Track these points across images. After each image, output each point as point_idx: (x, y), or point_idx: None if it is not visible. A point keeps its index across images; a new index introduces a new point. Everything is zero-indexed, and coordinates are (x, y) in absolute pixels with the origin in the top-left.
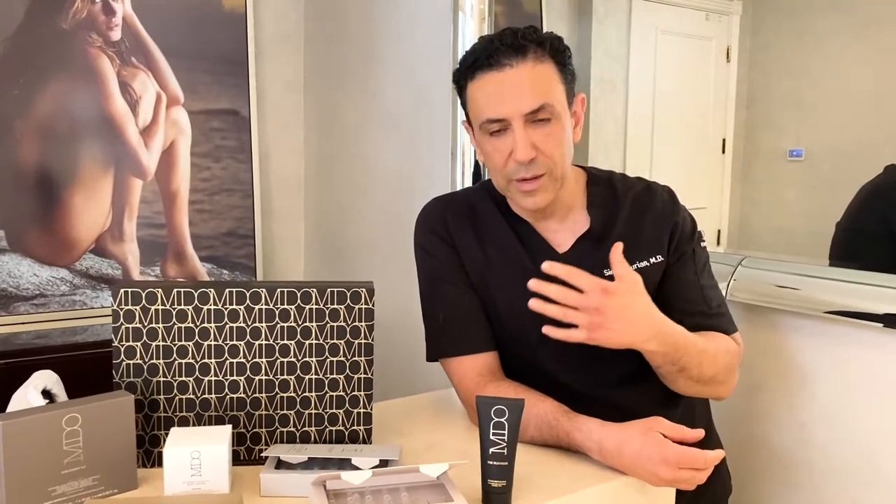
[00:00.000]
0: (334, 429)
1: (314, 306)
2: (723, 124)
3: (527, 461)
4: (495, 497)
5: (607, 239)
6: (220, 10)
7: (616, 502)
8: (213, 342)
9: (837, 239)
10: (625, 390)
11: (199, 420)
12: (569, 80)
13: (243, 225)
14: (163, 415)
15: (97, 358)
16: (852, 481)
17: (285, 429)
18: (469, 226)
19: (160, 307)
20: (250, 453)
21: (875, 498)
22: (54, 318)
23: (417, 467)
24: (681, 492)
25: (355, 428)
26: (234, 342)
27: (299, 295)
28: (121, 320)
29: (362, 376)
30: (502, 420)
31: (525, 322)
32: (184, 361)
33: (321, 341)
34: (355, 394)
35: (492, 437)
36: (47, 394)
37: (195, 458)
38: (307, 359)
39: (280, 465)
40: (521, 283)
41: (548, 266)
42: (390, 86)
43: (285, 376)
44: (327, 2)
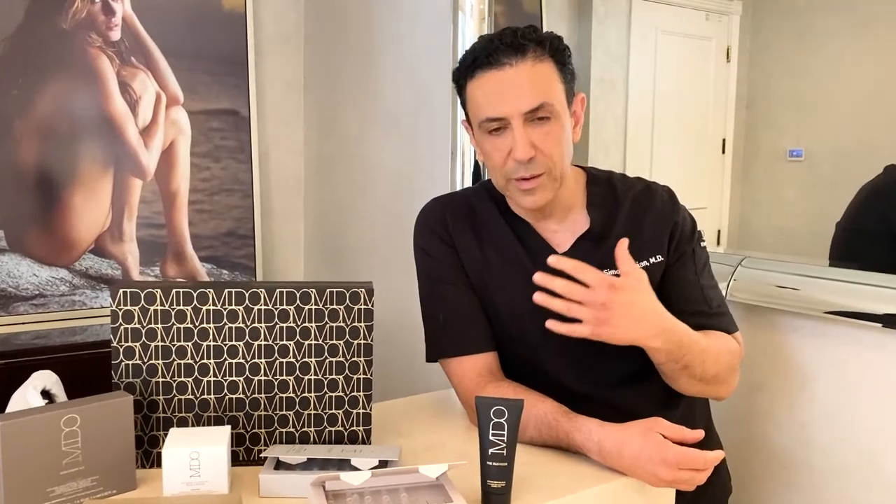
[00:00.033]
0: (333, 429)
1: (313, 307)
2: (723, 124)
3: (526, 462)
4: (495, 498)
5: (607, 239)
6: (220, 10)
7: (616, 503)
8: (212, 343)
9: (837, 239)
10: (624, 391)
11: (198, 421)
12: (568, 79)
13: (243, 225)
14: (162, 415)
15: (97, 358)
16: (852, 482)
17: (284, 429)
18: (468, 226)
19: (159, 308)
20: (249, 454)
21: (875, 498)
22: (54, 319)
23: (417, 468)
24: (680, 492)
25: (354, 428)
26: (234, 343)
27: (298, 295)
28: (119, 321)
29: (361, 377)
30: (502, 420)
31: (525, 322)
32: (183, 362)
33: (320, 342)
34: (354, 394)
35: (491, 438)
36: (46, 394)
37: (194, 459)
38: (306, 359)
39: (279, 465)
40: (520, 284)
41: (554, 260)
42: (390, 86)
43: (284, 377)
44: (327, 2)
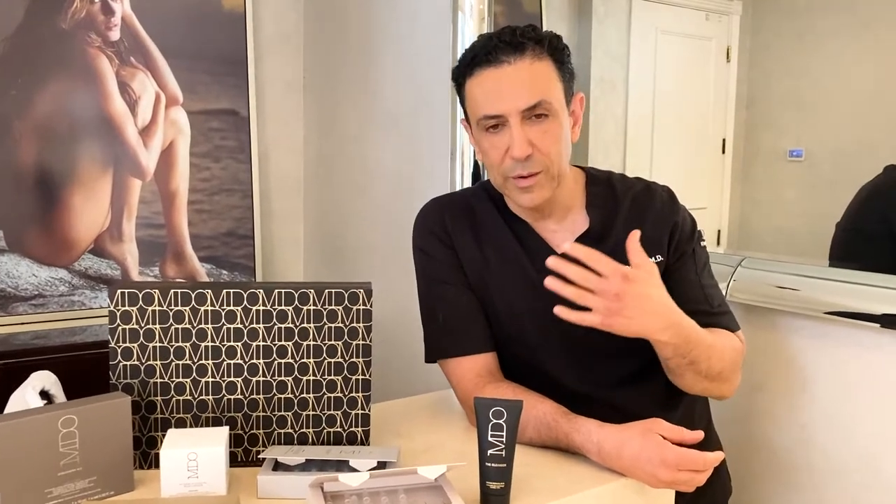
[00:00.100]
0: (332, 430)
1: (312, 307)
2: (723, 124)
3: (525, 462)
4: (494, 499)
5: (606, 239)
6: (220, 10)
7: None
8: (210, 343)
9: (837, 239)
10: (624, 391)
11: (196, 421)
12: (567, 78)
13: (242, 225)
14: (160, 416)
15: (96, 358)
16: (852, 482)
17: (283, 430)
18: (467, 226)
19: (157, 308)
20: (248, 455)
21: (875, 499)
22: (53, 319)
23: (415, 469)
24: (680, 493)
25: (353, 429)
26: (232, 343)
27: (297, 296)
28: (117, 321)
29: (360, 377)
30: (500, 421)
31: (524, 322)
32: (181, 363)
33: (319, 342)
34: (353, 395)
35: (490, 439)
36: (45, 394)
37: (192, 460)
38: (305, 360)
39: (277, 466)
40: (519, 284)
41: (570, 247)
42: (390, 86)
43: (283, 377)
44: (327, 2)
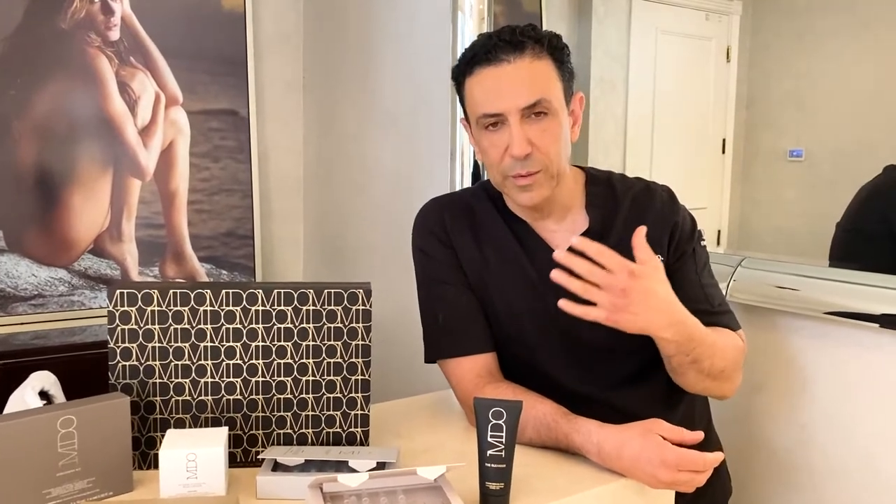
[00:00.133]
0: (331, 431)
1: (311, 307)
2: (723, 124)
3: (525, 463)
4: (493, 499)
5: (606, 239)
6: (219, 10)
7: None
8: (209, 344)
9: (837, 239)
10: (624, 391)
11: (195, 422)
12: (567, 77)
13: (242, 225)
14: (159, 416)
15: (96, 358)
16: (852, 483)
17: (282, 431)
18: (467, 226)
19: (156, 308)
20: (247, 455)
21: (875, 499)
22: (53, 319)
23: (414, 470)
24: (680, 494)
25: (352, 430)
26: (231, 343)
27: (296, 296)
28: (116, 321)
29: (359, 378)
30: (500, 422)
31: (523, 322)
32: (180, 363)
33: (318, 343)
34: (352, 395)
35: (490, 440)
36: (45, 395)
37: (191, 461)
38: (304, 360)
39: (277, 467)
40: (519, 284)
41: (578, 241)
42: (389, 85)
43: (282, 378)
44: (326, 1)
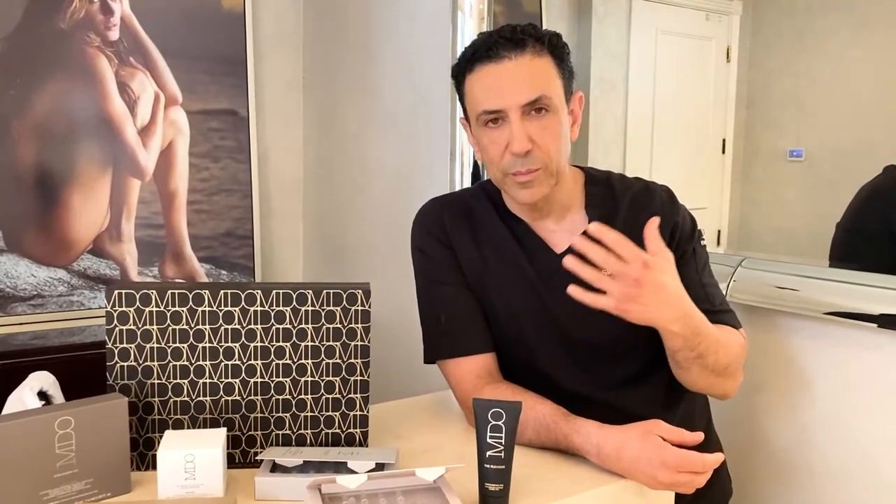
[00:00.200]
0: (330, 431)
1: (310, 308)
2: (723, 124)
3: (524, 464)
4: (492, 501)
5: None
6: (219, 10)
7: None
8: (207, 344)
9: (837, 239)
10: (623, 392)
11: (193, 423)
12: (566, 76)
13: (242, 225)
14: (157, 417)
15: (95, 359)
16: (852, 483)
17: (281, 431)
18: (466, 226)
19: (154, 309)
20: (245, 456)
21: (875, 499)
22: (52, 319)
23: (413, 471)
24: (680, 495)
25: (351, 431)
26: (229, 344)
27: (295, 296)
28: (115, 322)
29: (358, 378)
30: (499, 423)
31: (522, 322)
32: (178, 363)
33: (317, 343)
34: (351, 396)
35: (489, 440)
36: (43, 395)
37: (189, 462)
38: (303, 361)
39: (275, 468)
40: (518, 284)
41: (595, 228)
42: (389, 85)
43: (281, 378)
44: (326, 1)
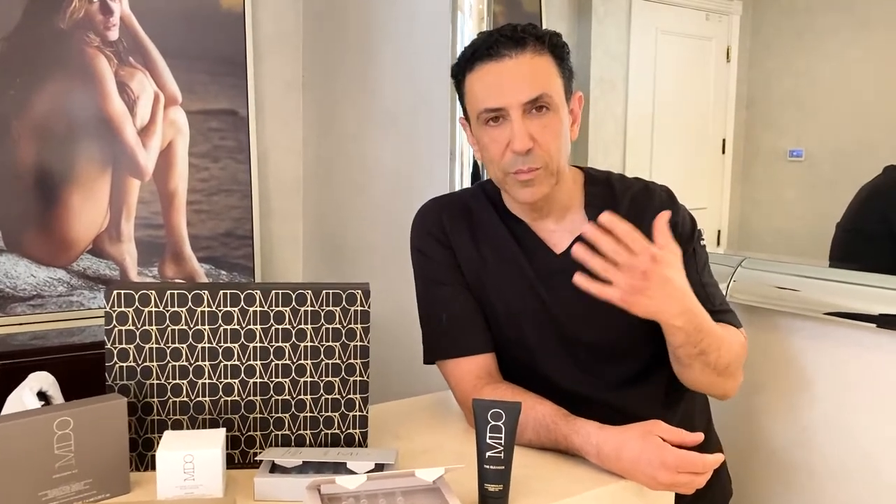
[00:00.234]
0: (329, 432)
1: (309, 308)
2: (723, 124)
3: (524, 464)
4: (492, 501)
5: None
6: (218, 10)
7: None
8: (206, 344)
9: (838, 239)
10: (623, 392)
11: (192, 423)
12: (567, 75)
13: (242, 225)
14: (156, 418)
15: (95, 359)
16: (852, 483)
17: (280, 432)
18: (465, 227)
19: (153, 309)
20: (244, 457)
21: (875, 500)
22: (51, 319)
23: (413, 472)
24: (680, 496)
25: (351, 431)
26: (229, 344)
27: (294, 297)
28: (113, 322)
29: (358, 379)
30: (499, 423)
31: (522, 323)
32: (177, 364)
33: (316, 343)
34: (351, 397)
35: (488, 441)
36: (43, 395)
37: (188, 462)
38: (302, 361)
39: (274, 468)
40: (517, 284)
41: (607, 218)
42: (389, 85)
43: (280, 379)
44: (326, 1)
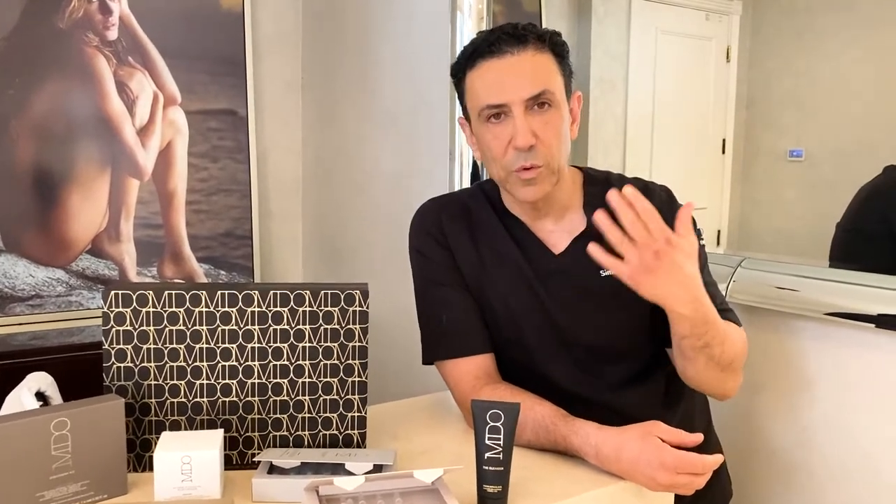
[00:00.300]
0: (328, 433)
1: (307, 308)
2: (723, 124)
3: (523, 465)
4: (491, 502)
5: (604, 239)
6: (218, 10)
7: None
8: (204, 345)
9: (838, 239)
10: (622, 393)
11: (190, 424)
12: (567, 74)
13: (241, 225)
14: (154, 419)
15: (94, 359)
16: (852, 483)
17: (278, 433)
18: (464, 227)
19: (151, 309)
20: (242, 458)
21: (875, 500)
22: (50, 319)
23: (411, 473)
24: (679, 497)
25: (349, 432)
26: (227, 345)
27: (292, 297)
28: (111, 323)
29: (356, 379)
30: (498, 424)
31: (521, 323)
32: (175, 364)
33: (314, 344)
34: (349, 397)
35: (487, 442)
36: (41, 396)
37: (186, 463)
38: (300, 362)
39: (272, 469)
40: (516, 284)
41: (631, 191)
42: (389, 85)
43: (278, 379)
44: (325, 1)
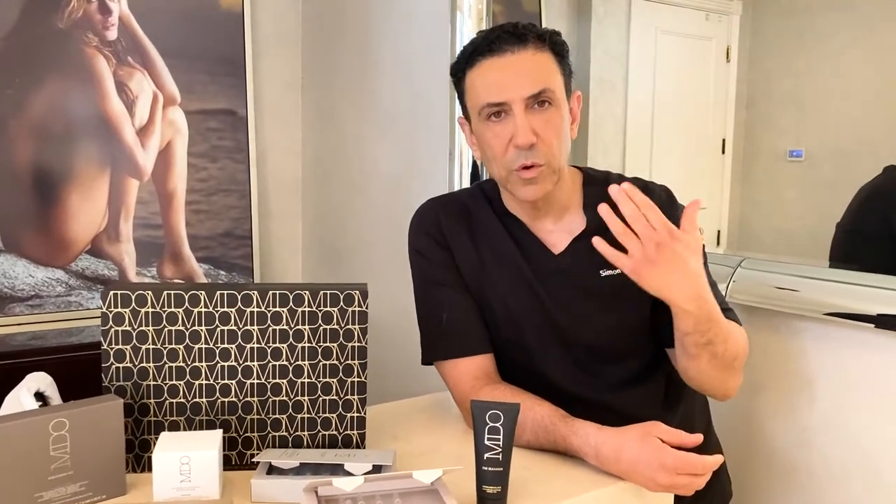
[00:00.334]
0: (327, 433)
1: (306, 309)
2: (723, 124)
3: (522, 466)
4: (490, 503)
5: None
6: (217, 10)
7: None
8: (203, 345)
9: (838, 240)
10: (622, 394)
11: (189, 424)
12: (567, 73)
13: (240, 225)
14: (153, 419)
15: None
16: (852, 484)
17: (277, 433)
18: (463, 227)
19: (150, 310)
20: (241, 458)
21: (875, 500)
22: (50, 320)
23: (411, 473)
24: (679, 497)
25: (348, 432)
26: (226, 345)
27: (291, 297)
28: (110, 323)
29: (355, 380)
30: (497, 425)
31: (520, 323)
32: (174, 365)
33: (314, 344)
34: (348, 398)
35: (487, 442)
36: (40, 396)
37: (185, 464)
38: (299, 362)
39: (272, 470)
40: (516, 284)
41: (628, 186)
42: (388, 85)
43: (277, 380)
44: (325, 1)
